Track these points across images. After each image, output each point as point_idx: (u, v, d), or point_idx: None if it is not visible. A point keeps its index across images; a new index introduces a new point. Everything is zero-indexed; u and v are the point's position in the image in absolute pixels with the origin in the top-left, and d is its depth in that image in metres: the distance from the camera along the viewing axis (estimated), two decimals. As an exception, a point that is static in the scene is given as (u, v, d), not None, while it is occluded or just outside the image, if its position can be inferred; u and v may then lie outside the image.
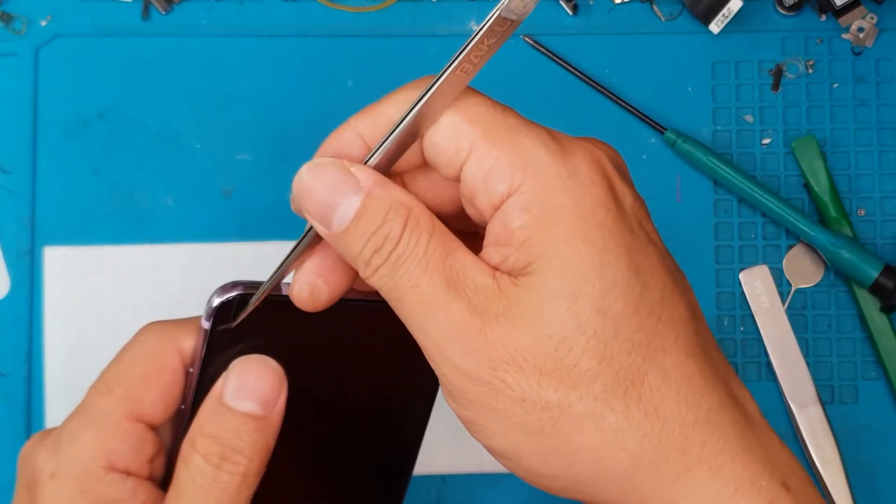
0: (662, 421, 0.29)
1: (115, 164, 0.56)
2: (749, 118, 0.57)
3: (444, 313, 0.30)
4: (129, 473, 0.33)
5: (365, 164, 0.31)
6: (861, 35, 0.56)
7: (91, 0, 0.56)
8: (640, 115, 0.56)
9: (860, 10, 0.55)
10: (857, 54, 0.57)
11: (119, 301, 0.55)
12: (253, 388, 0.33)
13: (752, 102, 0.57)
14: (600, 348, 0.29)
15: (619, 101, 0.56)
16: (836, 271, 0.55)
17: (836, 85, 0.57)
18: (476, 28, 0.30)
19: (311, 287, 0.33)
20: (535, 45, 0.57)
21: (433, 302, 0.30)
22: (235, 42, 0.56)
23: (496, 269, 0.30)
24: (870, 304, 0.55)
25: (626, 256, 0.30)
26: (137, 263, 0.55)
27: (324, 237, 0.31)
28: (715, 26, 0.56)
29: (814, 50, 0.57)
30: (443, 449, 0.54)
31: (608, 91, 0.56)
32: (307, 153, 0.35)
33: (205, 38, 0.56)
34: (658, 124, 0.56)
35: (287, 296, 0.33)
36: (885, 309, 0.54)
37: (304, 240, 0.32)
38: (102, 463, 0.33)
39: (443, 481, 0.55)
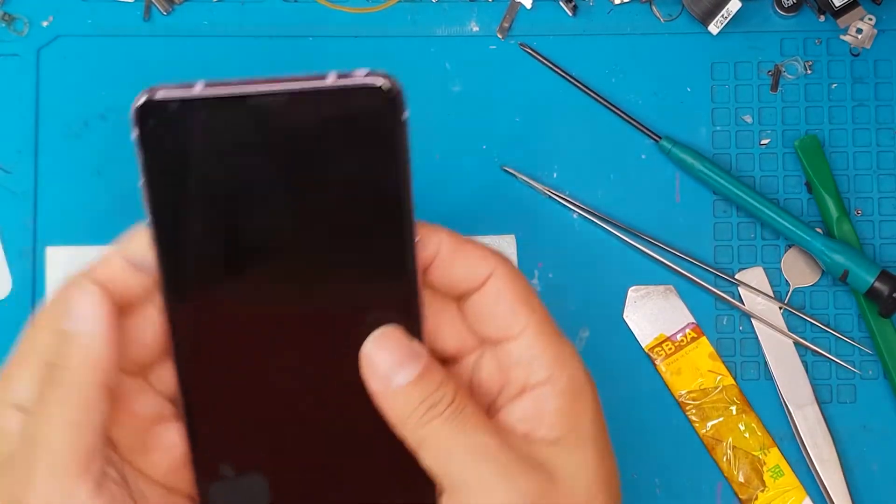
0: None
1: (116, 164, 0.56)
2: (748, 118, 0.57)
3: (494, 462, 0.36)
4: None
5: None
6: (859, 36, 0.56)
7: (93, 1, 0.57)
8: (636, 125, 0.56)
9: (859, 10, 0.55)
10: (856, 55, 0.57)
11: (120, 301, 0.55)
12: (69, 308, 0.36)
13: (751, 103, 0.57)
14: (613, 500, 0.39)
15: (616, 110, 0.56)
16: (834, 277, 0.55)
17: (834, 85, 0.57)
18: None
19: None
20: (532, 53, 0.57)
21: (485, 450, 0.36)
22: (236, 43, 0.57)
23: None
24: (869, 302, 0.55)
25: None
26: (139, 263, 0.55)
27: (377, 393, 0.37)
28: (714, 27, 0.56)
29: (812, 51, 0.57)
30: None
31: (604, 99, 0.56)
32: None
33: (206, 39, 0.57)
34: (653, 133, 0.56)
35: (245, 94, 0.34)
36: (882, 314, 0.54)
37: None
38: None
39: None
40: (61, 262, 0.55)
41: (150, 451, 0.38)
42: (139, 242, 0.37)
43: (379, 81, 0.35)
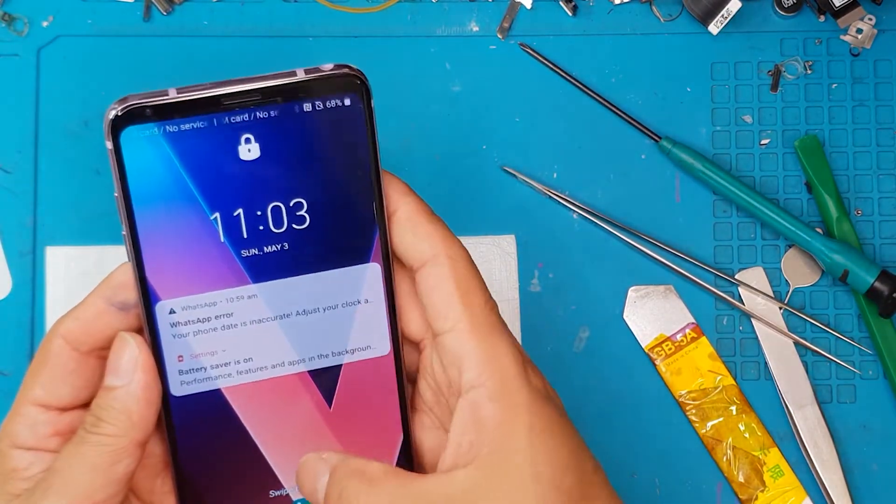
0: None
1: (116, 164, 0.56)
2: (748, 118, 0.57)
3: None
4: (32, 449, 0.37)
5: None
6: (859, 36, 0.56)
7: (93, 1, 0.57)
8: (636, 125, 0.56)
9: (859, 10, 0.55)
10: (856, 55, 0.57)
11: (120, 301, 0.55)
12: (114, 361, 0.37)
13: (751, 103, 0.57)
14: None
15: (616, 110, 0.56)
16: (834, 277, 0.55)
17: (834, 85, 0.57)
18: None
19: None
20: (532, 53, 0.57)
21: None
22: (236, 42, 0.57)
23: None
24: (869, 302, 0.55)
25: (569, 441, 0.36)
26: (139, 263, 0.55)
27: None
28: (714, 27, 0.56)
29: (812, 51, 0.57)
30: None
31: (604, 99, 0.56)
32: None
33: (206, 39, 0.57)
34: (653, 133, 0.56)
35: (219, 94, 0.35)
36: (882, 315, 0.54)
37: None
38: (7, 443, 0.37)
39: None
40: (61, 262, 0.55)
41: (163, 494, 0.39)
42: (121, 280, 0.37)
43: (347, 71, 0.37)
